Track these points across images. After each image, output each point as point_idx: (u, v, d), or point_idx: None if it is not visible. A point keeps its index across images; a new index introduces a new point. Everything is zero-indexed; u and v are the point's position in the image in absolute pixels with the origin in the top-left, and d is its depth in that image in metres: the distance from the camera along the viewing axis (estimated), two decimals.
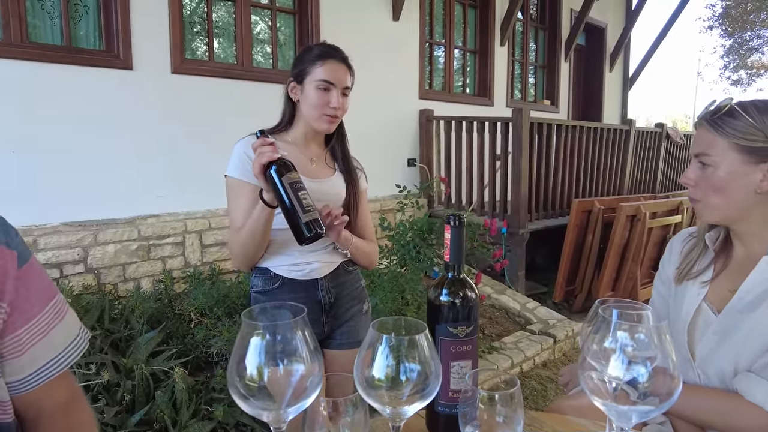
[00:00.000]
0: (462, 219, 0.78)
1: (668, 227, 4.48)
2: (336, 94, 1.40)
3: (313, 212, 1.19)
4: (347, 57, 1.45)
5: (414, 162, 5.09)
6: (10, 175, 2.85)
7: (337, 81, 1.39)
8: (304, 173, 1.40)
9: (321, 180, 1.45)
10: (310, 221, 1.17)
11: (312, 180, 1.41)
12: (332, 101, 1.39)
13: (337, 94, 1.40)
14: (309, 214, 1.18)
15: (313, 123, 1.42)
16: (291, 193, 1.17)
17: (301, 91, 1.42)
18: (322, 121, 1.41)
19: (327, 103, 1.39)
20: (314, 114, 1.40)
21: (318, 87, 1.38)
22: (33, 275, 0.68)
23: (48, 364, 0.69)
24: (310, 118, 1.42)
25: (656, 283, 1.18)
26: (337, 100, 1.40)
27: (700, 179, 0.99)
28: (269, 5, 4.08)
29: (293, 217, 1.17)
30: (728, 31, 14.85)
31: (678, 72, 73.47)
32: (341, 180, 1.50)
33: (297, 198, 1.17)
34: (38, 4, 3.02)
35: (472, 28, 5.91)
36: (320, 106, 1.39)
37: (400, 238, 3.25)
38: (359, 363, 0.62)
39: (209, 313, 2.79)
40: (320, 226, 1.20)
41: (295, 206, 1.17)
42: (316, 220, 1.19)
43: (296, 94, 1.43)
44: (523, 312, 3.79)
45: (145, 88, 3.31)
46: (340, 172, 1.51)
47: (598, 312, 0.65)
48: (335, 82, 1.39)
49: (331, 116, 1.41)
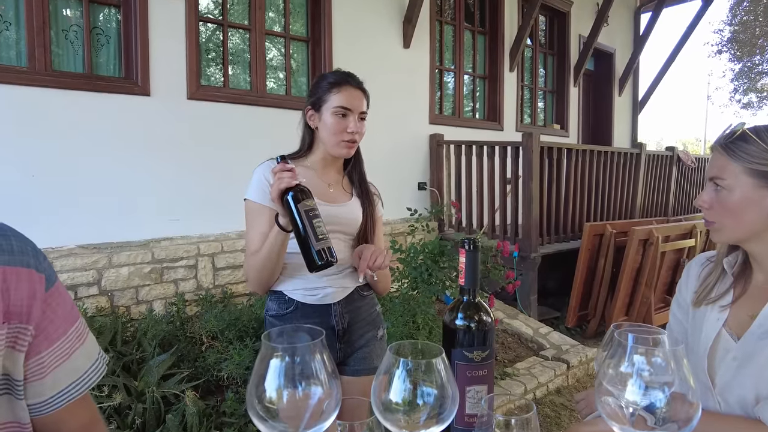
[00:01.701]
0: (477, 243, 0.79)
1: (682, 251, 4.43)
2: (353, 119, 1.42)
3: (325, 240, 1.20)
4: (362, 82, 1.49)
5: (424, 185, 5.11)
6: (30, 198, 2.92)
7: (354, 107, 1.42)
8: (322, 198, 1.43)
9: (338, 205, 1.47)
10: (322, 249, 1.18)
11: (330, 204, 1.44)
12: (350, 126, 1.41)
13: (355, 119, 1.43)
14: (321, 242, 1.18)
15: (331, 149, 1.45)
16: (306, 219, 1.18)
17: (319, 118, 1.44)
18: (341, 147, 1.44)
19: (345, 129, 1.41)
20: (333, 140, 1.43)
21: (335, 113, 1.41)
22: (58, 298, 0.69)
23: (69, 387, 0.70)
24: (328, 144, 1.44)
25: (673, 308, 1.17)
26: (355, 124, 1.42)
27: (714, 202, 0.99)
28: (283, 33, 4.19)
29: (306, 243, 1.18)
30: (737, 55, 14.89)
31: (688, 95, 73.53)
32: (358, 204, 1.51)
33: (311, 225, 1.18)
34: (62, 34, 3.14)
35: (482, 54, 6.00)
36: (338, 132, 1.42)
37: (412, 260, 3.25)
38: (376, 386, 0.62)
39: (221, 337, 2.79)
40: (332, 255, 1.20)
41: (308, 233, 1.18)
42: (328, 249, 1.19)
43: (314, 122, 1.46)
44: (536, 337, 3.74)
45: (162, 113, 3.39)
46: (357, 197, 1.53)
47: (613, 336, 0.65)
48: (352, 108, 1.42)
49: (350, 141, 1.43)
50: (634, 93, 8.50)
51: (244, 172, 1.46)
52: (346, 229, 1.48)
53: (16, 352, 0.64)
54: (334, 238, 1.45)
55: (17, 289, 0.63)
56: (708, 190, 1.01)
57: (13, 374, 0.64)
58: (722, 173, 0.97)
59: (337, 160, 1.51)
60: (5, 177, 2.86)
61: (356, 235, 1.51)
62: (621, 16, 7.88)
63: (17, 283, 0.63)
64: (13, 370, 0.64)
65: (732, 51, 14.81)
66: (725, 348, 1.00)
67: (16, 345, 0.64)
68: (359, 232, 1.51)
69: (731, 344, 0.99)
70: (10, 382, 0.64)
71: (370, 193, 1.55)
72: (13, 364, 0.64)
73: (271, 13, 4.16)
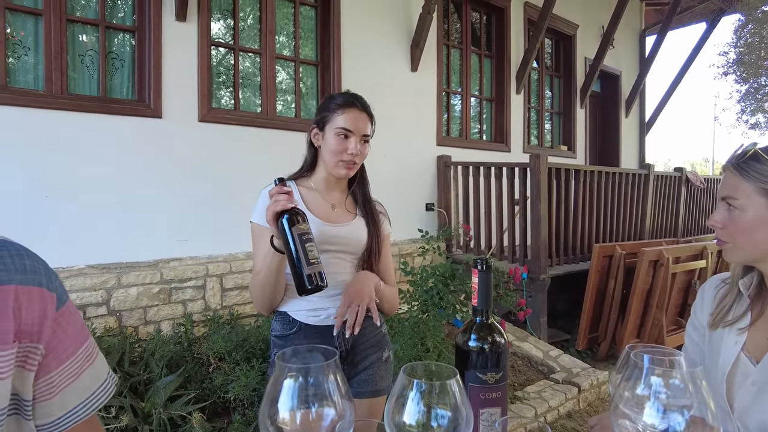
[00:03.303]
0: (489, 263, 0.79)
1: (693, 272, 4.38)
2: (354, 141, 1.42)
3: (316, 265, 1.19)
4: (368, 106, 1.49)
5: (432, 206, 5.12)
6: (43, 219, 2.95)
7: (356, 129, 1.43)
8: (325, 219, 1.44)
9: (341, 225, 1.46)
10: (312, 273, 1.18)
11: (332, 225, 1.44)
12: (350, 148, 1.41)
13: (356, 142, 1.42)
14: (312, 266, 1.18)
15: (331, 168, 1.45)
16: (298, 243, 1.18)
17: (322, 137, 1.45)
18: (339, 167, 1.44)
19: (345, 150, 1.41)
20: (333, 160, 1.43)
21: (337, 134, 1.42)
22: (69, 318, 0.69)
23: (77, 408, 0.69)
24: (328, 164, 1.45)
25: (689, 330, 1.16)
26: (355, 147, 1.42)
27: (727, 222, 0.99)
28: (293, 57, 4.27)
29: (297, 267, 1.18)
30: (743, 76, 14.93)
31: (695, 116, 73.68)
32: (363, 224, 1.51)
33: (303, 249, 1.18)
34: (79, 59, 3.22)
35: (488, 77, 6.06)
36: (338, 152, 1.42)
37: (422, 283, 3.23)
38: (389, 408, 0.62)
39: (228, 358, 2.77)
40: (322, 279, 1.19)
41: (300, 257, 1.18)
42: (318, 273, 1.19)
43: (318, 140, 1.47)
44: (546, 360, 3.69)
45: (173, 135, 3.44)
46: (361, 216, 1.52)
47: (629, 357, 0.64)
48: (354, 130, 1.42)
49: (348, 162, 1.43)
50: (641, 114, 8.53)
51: (253, 194, 1.48)
52: (349, 249, 1.47)
53: (26, 372, 0.63)
54: (338, 259, 1.45)
55: (29, 308, 0.63)
56: (720, 210, 1.00)
57: (23, 394, 0.64)
58: (735, 193, 0.97)
59: (341, 180, 1.51)
60: (20, 197, 2.90)
61: (361, 255, 1.50)
62: (626, 38, 7.96)
63: (29, 302, 0.63)
64: (22, 390, 0.64)
65: (738, 72, 14.85)
66: (744, 373, 0.98)
67: (26, 364, 0.63)
68: (364, 252, 1.50)
69: (750, 369, 0.97)
70: (20, 402, 0.64)
71: (375, 212, 1.54)
72: (22, 384, 0.64)
73: (282, 38, 4.24)
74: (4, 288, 0.61)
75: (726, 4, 7.65)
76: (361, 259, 1.51)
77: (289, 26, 4.27)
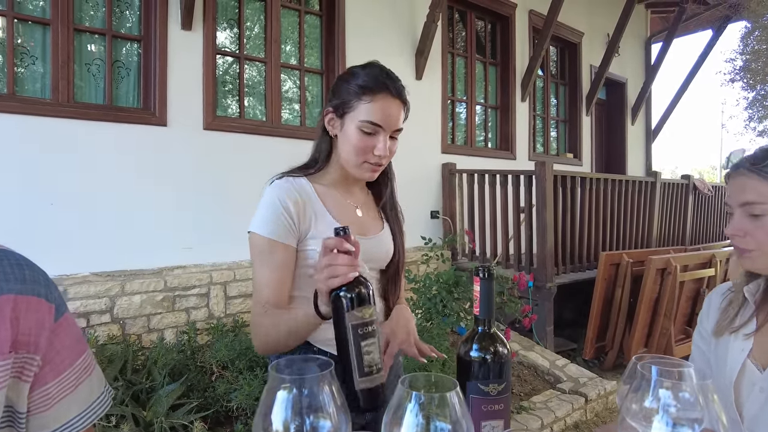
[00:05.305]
0: (491, 271, 0.77)
1: (701, 281, 4.32)
2: (383, 138, 1.10)
3: (373, 377, 0.84)
4: (403, 89, 1.13)
5: (437, 214, 5.10)
6: (48, 226, 2.96)
7: (387, 124, 1.09)
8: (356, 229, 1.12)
9: (369, 237, 1.18)
10: (366, 389, 0.83)
11: (362, 237, 1.13)
12: (378, 147, 1.09)
13: (385, 138, 1.10)
14: (368, 379, 0.83)
15: (351, 169, 1.14)
16: (352, 339, 0.83)
17: (340, 126, 1.12)
18: (363, 170, 1.13)
19: (371, 150, 1.10)
20: (354, 160, 1.12)
21: (362, 128, 1.08)
22: (67, 329, 0.69)
23: (74, 420, 0.68)
24: (348, 163, 1.13)
25: (695, 339, 1.13)
26: (384, 146, 1.10)
27: (751, 229, 0.94)
28: (298, 66, 4.28)
29: (346, 369, 0.84)
30: (750, 83, 14.86)
31: (702, 124, 73.37)
32: (389, 234, 1.24)
33: (358, 350, 0.83)
34: (85, 68, 3.24)
35: (493, 85, 6.06)
36: (362, 152, 1.10)
37: (426, 291, 3.21)
38: (387, 421, 0.60)
39: (231, 366, 2.76)
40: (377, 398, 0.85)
41: (351, 358, 0.83)
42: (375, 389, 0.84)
43: (334, 128, 1.14)
44: (552, 369, 3.64)
45: (178, 143, 3.46)
46: (386, 223, 1.26)
47: (636, 369, 0.62)
48: (384, 125, 1.09)
49: (375, 165, 1.12)
50: (647, 122, 8.49)
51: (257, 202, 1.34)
52: (375, 265, 1.21)
53: (21, 383, 0.63)
54: None
55: (26, 318, 0.62)
56: (740, 218, 0.95)
57: (17, 406, 0.63)
58: (761, 198, 0.91)
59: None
60: (26, 204, 2.91)
61: (384, 267, 1.24)
62: (632, 46, 7.94)
63: (26, 312, 0.63)
64: (16, 401, 0.63)
65: (745, 80, 14.78)
66: (751, 380, 0.96)
67: (22, 375, 0.63)
68: (388, 264, 1.24)
69: (757, 376, 0.95)
70: (13, 414, 0.63)
71: (401, 219, 1.28)
72: (17, 396, 0.63)
73: (287, 46, 4.26)
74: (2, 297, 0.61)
75: (732, 11, 7.61)
76: (382, 272, 1.24)
77: (294, 35, 4.29)
